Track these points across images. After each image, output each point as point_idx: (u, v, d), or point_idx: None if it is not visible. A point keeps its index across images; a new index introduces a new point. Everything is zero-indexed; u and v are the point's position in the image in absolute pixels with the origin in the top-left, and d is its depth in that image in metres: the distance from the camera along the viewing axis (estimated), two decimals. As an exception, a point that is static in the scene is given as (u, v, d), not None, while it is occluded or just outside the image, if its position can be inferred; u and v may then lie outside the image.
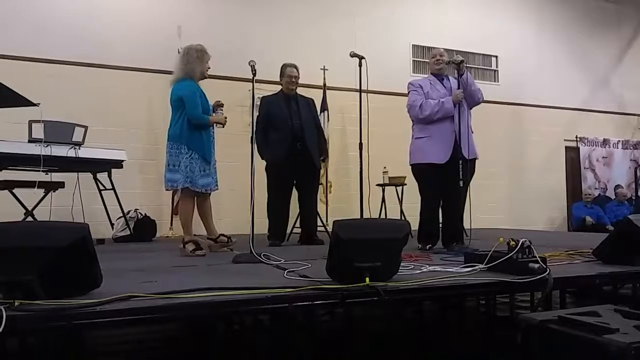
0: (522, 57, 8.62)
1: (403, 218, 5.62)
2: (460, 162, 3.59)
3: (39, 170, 4.33)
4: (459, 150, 3.67)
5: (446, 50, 6.74)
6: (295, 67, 4.65)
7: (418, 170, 3.94)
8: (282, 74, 4.66)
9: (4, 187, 4.43)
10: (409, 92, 3.99)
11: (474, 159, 3.86)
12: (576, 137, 9.04)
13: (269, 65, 4.72)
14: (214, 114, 3.76)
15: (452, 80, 3.99)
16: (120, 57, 6.16)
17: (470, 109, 3.94)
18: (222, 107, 3.82)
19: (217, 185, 3.80)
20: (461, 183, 3.56)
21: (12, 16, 5.81)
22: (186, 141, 3.58)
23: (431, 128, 3.82)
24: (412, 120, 4.02)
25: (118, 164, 4.98)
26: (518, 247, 2.34)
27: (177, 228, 5.55)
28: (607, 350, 1.42)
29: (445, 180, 3.74)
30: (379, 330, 2.93)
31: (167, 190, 4.00)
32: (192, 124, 3.59)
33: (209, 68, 3.79)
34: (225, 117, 3.79)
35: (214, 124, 3.76)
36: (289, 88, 4.62)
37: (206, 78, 3.80)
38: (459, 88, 3.78)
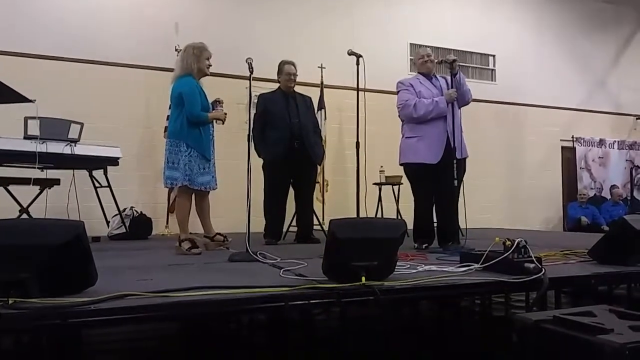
0: (520, 57, 8.64)
1: (399, 217, 5.62)
2: (455, 161, 3.58)
3: (34, 167, 4.31)
4: (451, 149, 3.67)
5: (444, 49, 6.75)
6: (294, 64, 4.64)
7: (410, 170, 3.94)
8: (280, 72, 4.65)
9: (-1, 183, 4.42)
10: (398, 91, 3.97)
11: (465, 158, 3.87)
12: (572, 137, 9.06)
13: (267, 63, 4.71)
14: (213, 111, 3.75)
15: (440, 79, 3.99)
16: (117, 54, 6.14)
17: (460, 108, 3.92)
18: (222, 103, 3.81)
19: (216, 184, 3.79)
20: (455, 182, 3.56)
21: (8, 12, 5.78)
22: (185, 138, 3.58)
23: (423, 128, 3.80)
24: (402, 120, 4.00)
25: (114, 161, 4.96)
26: (514, 247, 2.34)
27: (173, 226, 5.54)
28: (601, 351, 1.43)
29: (437, 180, 3.74)
30: (375, 329, 2.93)
31: (166, 187, 4.00)
32: (192, 121, 3.58)
33: (210, 65, 3.78)
34: (225, 114, 3.78)
35: (214, 121, 3.76)
36: (288, 86, 4.61)
37: (207, 75, 3.79)
38: (452, 87, 3.78)
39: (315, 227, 4.88)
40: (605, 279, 2.62)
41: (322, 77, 6.68)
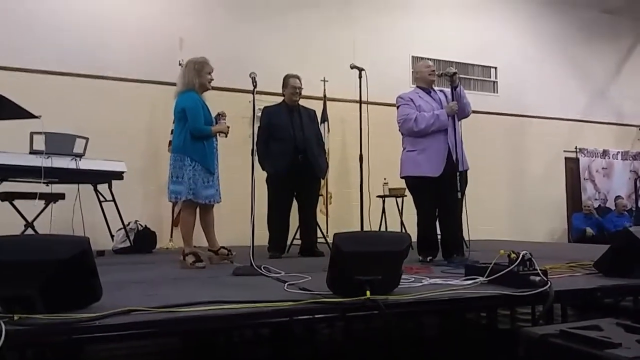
0: (522, 69, 8.67)
1: (403, 229, 5.62)
2: (458, 173, 3.58)
3: (39, 182, 4.33)
4: (453, 162, 3.67)
5: (445, 61, 6.77)
6: (299, 78, 4.67)
7: (412, 183, 3.94)
8: (285, 85, 4.67)
9: (4, 198, 4.43)
10: (399, 106, 3.97)
11: (466, 170, 3.87)
12: (576, 148, 9.06)
13: (270, 77, 4.74)
14: (216, 124, 3.77)
15: (439, 92, 4.00)
16: (122, 69, 6.20)
17: (459, 120, 3.92)
18: (225, 116, 3.83)
19: (220, 197, 3.80)
20: (459, 195, 3.55)
21: (13, 28, 5.85)
22: (189, 152, 3.59)
23: (424, 141, 3.81)
24: (402, 134, 4.00)
25: (118, 175, 4.98)
26: (519, 259, 2.33)
27: (177, 239, 5.54)
28: (609, 366, 1.41)
29: (440, 193, 3.74)
30: (380, 342, 2.91)
31: (170, 201, 4.00)
32: (195, 135, 3.60)
33: (212, 80, 3.80)
34: (228, 127, 3.80)
35: (217, 134, 3.77)
36: (293, 99, 4.63)
37: (209, 90, 3.81)
38: (453, 100, 3.78)
39: (319, 240, 4.87)
40: (612, 291, 2.60)
41: (324, 90, 6.73)
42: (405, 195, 5.67)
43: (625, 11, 9.55)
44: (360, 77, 3.82)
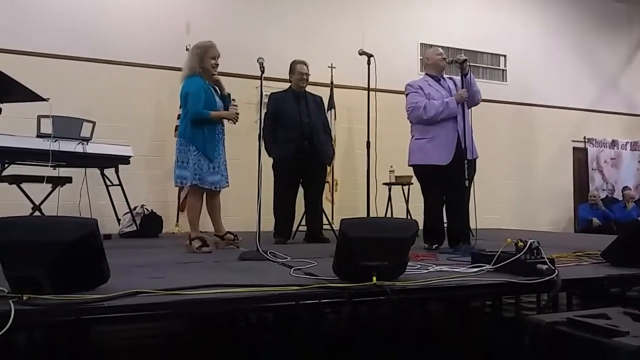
0: (531, 57, 8.57)
1: (409, 217, 5.61)
2: (466, 162, 3.56)
3: (47, 165, 4.35)
4: (462, 150, 3.64)
5: (454, 49, 6.71)
6: (306, 64, 4.63)
7: (420, 171, 3.92)
8: (292, 71, 4.64)
9: (12, 181, 4.46)
10: (407, 94, 3.93)
11: (475, 159, 3.84)
12: (584, 138, 8.98)
13: (277, 63, 4.71)
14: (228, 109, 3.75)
15: (448, 80, 3.96)
16: (129, 54, 6.18)
17: (469, 108, 3.88)
18: (233, 101, 3.80)
19: (227, 182, 3.79)
20: (466, 183, 3.53)
21: (22, 12, 5.84)
22: (190, 138, 3.58)
23: (433, 129, 3.77)
24: (411, 121, 3.97)
25: (125, 159, 5.00)
26: (526, 247, 2.32)
27: (183, 224, 5.57)
28: (617, 354, 1.41)
29: (448, 181, 3.72)
30: (385, 329, 2.92)
31: (176, 186, 4.01)
32: (194, 120, 3.57)
33: (216, 65, 3.76)
34: (237, 113, 3.76)
35: (224, 120, 3.74)
36: (300, 85, 4.61)
37: (213, 75, 3.76)
38: (463, 87, 3.75)
39: (324, 226, 4.87)
40: (619, 280, 2.59)
41: (332, 76, 6.68)
42: (412, 183, 5.66)
43: (638, 1, 9.40)
44: (369, 63, 3.79)
